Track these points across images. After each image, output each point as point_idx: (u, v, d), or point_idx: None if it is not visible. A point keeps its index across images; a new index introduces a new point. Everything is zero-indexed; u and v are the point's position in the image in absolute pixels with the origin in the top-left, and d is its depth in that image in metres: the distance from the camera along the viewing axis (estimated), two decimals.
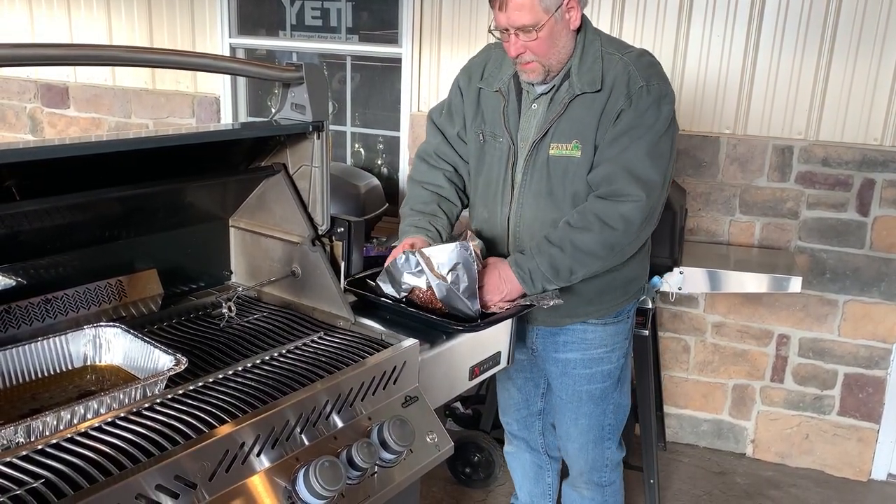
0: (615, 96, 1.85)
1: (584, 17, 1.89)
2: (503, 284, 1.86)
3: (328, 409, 1.50)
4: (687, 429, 3.59)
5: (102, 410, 1.33)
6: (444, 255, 1.80)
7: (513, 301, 1.88)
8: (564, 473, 2.44)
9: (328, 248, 1.86)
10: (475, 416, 3.29)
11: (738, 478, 3.35)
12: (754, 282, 2.88)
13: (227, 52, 3.95)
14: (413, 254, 1.83)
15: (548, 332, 2.12)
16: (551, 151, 1.91)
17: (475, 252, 1.82)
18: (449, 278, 1.78)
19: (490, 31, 1.88)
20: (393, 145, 3.88)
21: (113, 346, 1.56)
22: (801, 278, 2.81)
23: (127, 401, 1.36)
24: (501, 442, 3.20)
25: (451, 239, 2.04)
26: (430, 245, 1.93)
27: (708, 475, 3.37)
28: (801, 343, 3.31)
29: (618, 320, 2.10)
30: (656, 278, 2.59)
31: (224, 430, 1.31)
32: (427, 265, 1.81)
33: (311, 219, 1.83)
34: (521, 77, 1.93)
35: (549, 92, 1.93)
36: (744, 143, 3.21)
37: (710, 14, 3.14)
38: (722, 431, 3.54)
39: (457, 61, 3.54)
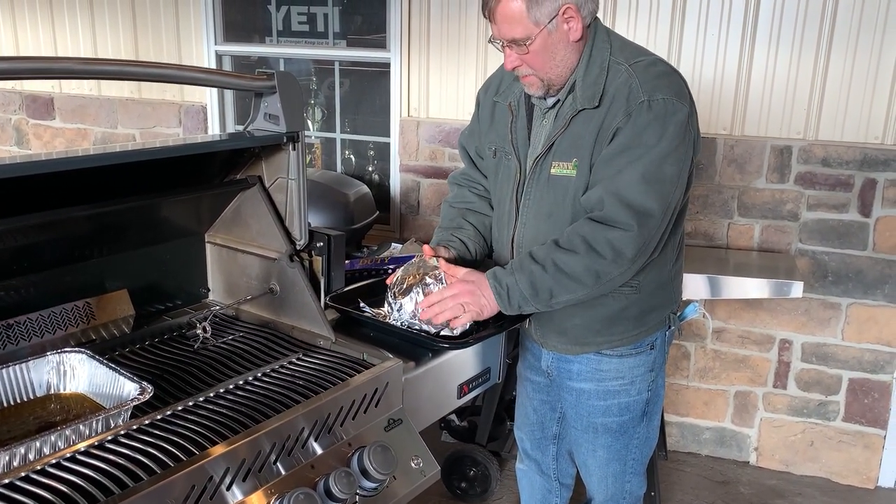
0: (613, 112, 1.69)
1: (595, 23, 1.75)
2: (479, 293, 1.73)
3: (305, 435, 1.42)
4: (688, 437, 3.51)
5: (61, 444, 1.25)
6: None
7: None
8: (574, 498, 2.36)
9: (307, 264, 1.78)
10: (471, 429, 3.21)
11: (742, 487, 3.27)
12: (755, 287, 2.80)
13: (212, 60, 3.88)
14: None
15: (561, 358, 1.99)
16: (552, 171, 1.79)
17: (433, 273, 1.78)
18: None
19: (490, 41, 1.77)
20: (384, 151, 3.81)
21: (78, 373, 1.47)
22: (802, 283, 2.73)
23: (88, 433, 1.28)
24: (498, 455, 3.14)
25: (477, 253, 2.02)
26: (448, 253, 1.92)
27: (711, 485, 3.28)
28: (803, 348, 3.23)
29: (636, 352, 1.93)
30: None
31: (192, 462, 1.24)
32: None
33: (288, 233, 1.75)
34: (525, 90, 1.82)
35: (555, 106, 1.80)
36: (741, 143, 3.13)
37: (704, 11, 3.07)
38: (724, 439, 3.45)
39: (446, 65, 3.47)
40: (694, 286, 2.77)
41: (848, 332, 3.16)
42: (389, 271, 2.03)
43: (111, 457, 1.24)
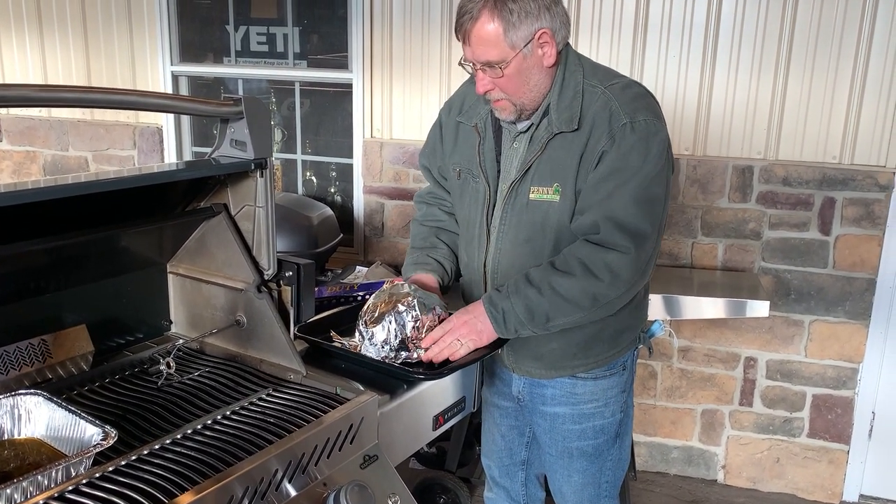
0: (596, 136, 1.67)
1: (566, 48, 1.74)
2: (475, 321, 1.72)
3: (279, 477, 1.36)
4: (657, 456, 3.50)
5: (18, 497, 1.16)
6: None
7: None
8: None
9: (275, 294, 1.71)
10: (440, 455, 3.16)
11: None
12: (714, 307, 2.81)
13: (168, 81, 3.79)
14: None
15: (534, 383, 1.96)
16: (531, 195, 1.75)
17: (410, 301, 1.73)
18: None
19: (460, 63, 1.74)
20: (346, 173, 3.75)
21: (34, 416, 1.38)
22: (767, 303, 2.75)
23: (48, 483, 1.20)
24: (468, 482, 3.08)
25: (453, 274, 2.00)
26: (434, 280, 1.90)
27: None
28: (768, 365, 3.26)
29: (610, 373, 1.92)
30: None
31: None
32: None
33: (255, 263, 1.69)
34: (495, 115, 1.79)
35: (528, 130, 1.77)
36: (703, 163, 3.16)
37: (665, 33, 3.10)
38: (692, 458, 3.46)
39: (409, 86, 3.44)
40: (651, 306, 2.75)
41: (811, 348, 3.19)
42: (360, 299, 1.98)
43: None
